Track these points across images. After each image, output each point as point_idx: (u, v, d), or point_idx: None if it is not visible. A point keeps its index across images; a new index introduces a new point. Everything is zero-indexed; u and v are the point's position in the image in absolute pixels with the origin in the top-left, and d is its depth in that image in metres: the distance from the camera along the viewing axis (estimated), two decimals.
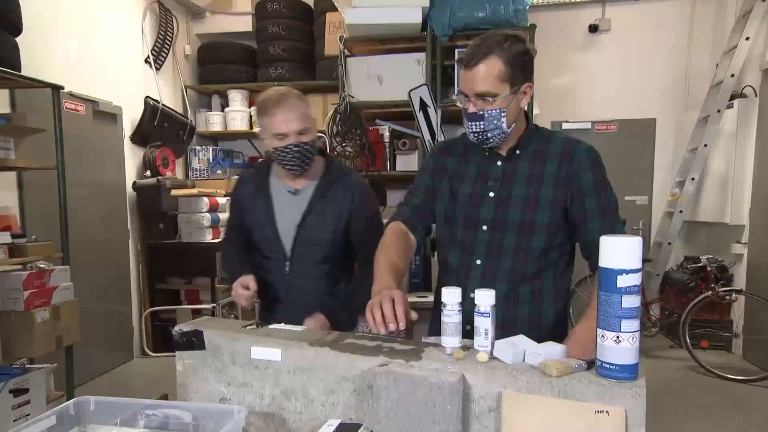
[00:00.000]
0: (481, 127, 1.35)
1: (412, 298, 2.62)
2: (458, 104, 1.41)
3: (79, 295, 3.00)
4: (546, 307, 1.44)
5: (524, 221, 1.39)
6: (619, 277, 0.87)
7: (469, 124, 1.37)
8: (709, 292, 4.07)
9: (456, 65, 1.43)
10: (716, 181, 4.64)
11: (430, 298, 2.78)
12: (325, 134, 3.97)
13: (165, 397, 1.92)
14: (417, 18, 3.59)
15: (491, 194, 1.43)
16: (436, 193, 1.53)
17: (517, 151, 1.44)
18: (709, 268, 4.31)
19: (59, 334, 2.83)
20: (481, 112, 1.33)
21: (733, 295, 4.17)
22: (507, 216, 1.41)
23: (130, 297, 4.46)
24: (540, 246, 1.40)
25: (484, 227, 1.43)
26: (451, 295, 1.07)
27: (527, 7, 3.60)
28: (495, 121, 1.34)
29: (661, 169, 5.25)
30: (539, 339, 1.07)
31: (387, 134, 3.90)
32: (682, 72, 5.15)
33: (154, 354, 4.45)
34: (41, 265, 2.82)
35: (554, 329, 1.43)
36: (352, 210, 1.74)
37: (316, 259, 1.74)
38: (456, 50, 3.56)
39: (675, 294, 4.56)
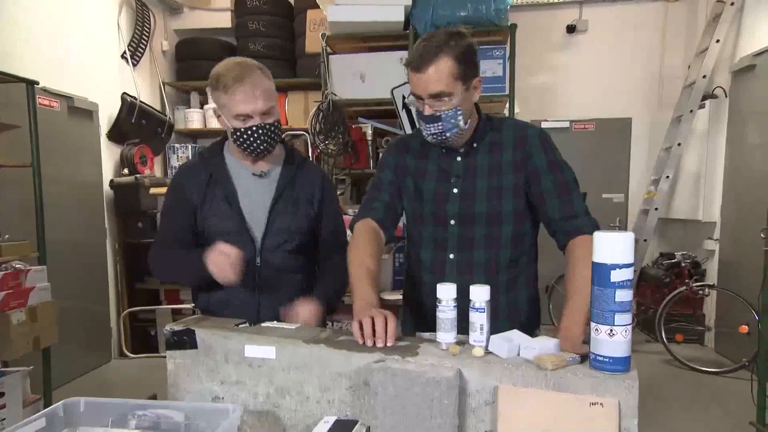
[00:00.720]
0: (440, 128, 1.36)
1: (396, 296, 2.63)
2: (411, 107, 1.42)
3: (55, 295, 2.92)
4: (521, 293, 1.49)
5: (491, 212, 1.43)
6: (612, 271, 0.89)
7: (426, 126, 1.37)
8: (684, 287, 4.19)
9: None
10: (689, 179, 4.77)
11: None
12: (307, 132, 3.95)
13: (154, 398, 1.89)
14: (400, 16, 3.59)
15: (455, 190, 1.45)
16: (401, 190, 1.54)
17: (474, 144, 1.46)
18: (683, 264, 4.44)
19: (36, 336, 2.75)
20: (438, 113, 1.34)
21: (706, 289, 4.30)
22: (474, 209, 1.43)
23: (108, 297, 4.36)
24: (509, 234, 1.44)
25: (452, 222, 1.45)
26: (447, 291, 1.08)
27: (508, 7, 3.64)
28: (452, 120, 1.35)
29: (637, 167, 5.37)
30: (517, 326, 1.10)
31: (370, 132, 3.90)
32: (657, 73, 5.28)
33: (132, 355, 4.36)
34: (17, 265, 2.74)
35: (530, 315, 1.48)
36: (322, 197, 1.63)
37: (290, 247, 1.56)
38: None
39: (651, 289, 4.68)
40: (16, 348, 2.64)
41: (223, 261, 1.37)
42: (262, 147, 1.49)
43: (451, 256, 1.46)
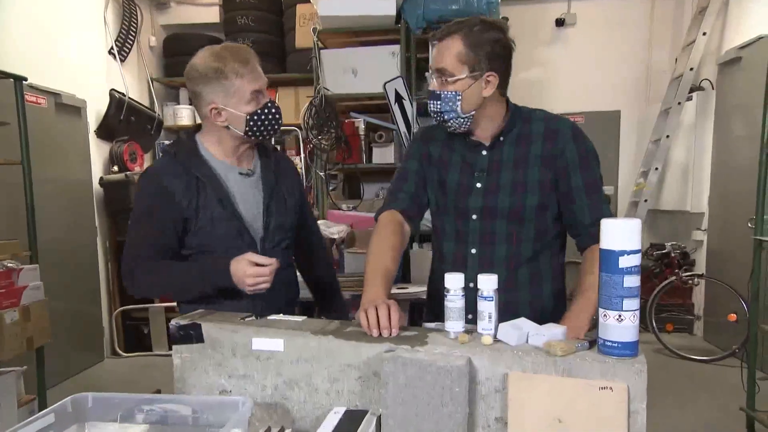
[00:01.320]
0: (438, 107, 1.35)
1: (393, 290, 2.63)
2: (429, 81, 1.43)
3: (46, 295, 2.89)
4: (545, 287, 1.46)
5: (514, 207, 1.40)
6: (620, 258, 0.90)
7: (430, 101, 1.37)
8: (674, 277, 4.25)
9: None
10: (677, 171, 4.84)
11: (410, 290, 2.83)
12: (299, 128, 3.94)
13: (158, 393, 1.88)
14: (391, 10, 3.58)
15: (478, 185, 1.42)
16: (427, 180, 1.52)
17: (501, 138, 1.42)
18: (673, 255, 4.50)
19: (29, 336, 2.72)
20: (438, 92, 1.34)
21: (695, 279, 4.37)
22: (496, 203, 1.40)
23: (99, 296, 4.33)
24: (531, 229, 1.41)
25: (474, 216, 1.43)
26: (455, 281, 1.09)
27: (499, 1, 3.65)
28: (450, 104, 1.33)
29: (626, 159, 5.44)
30: (540, 320, 1.10)
31: (362, 127, 3.90)
32: (644, 66, 5.34)
33: (125, 354, 4.33)
34: (8, 264, 2.71)
35: (554, 309, 1.45)
36: (299, 188, 1.64)
37: (285, 245, 1.57)
38: (430, 43, 3.59)
39: (641, 280, 4.73)
40: (9, 348, 2.61)
41: (259, 272, 1.32)
42: (278, 124, 1.47)
43: (473, 250, 1.43)
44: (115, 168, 4.37)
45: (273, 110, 1.45)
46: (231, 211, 1.45)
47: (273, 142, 4.44)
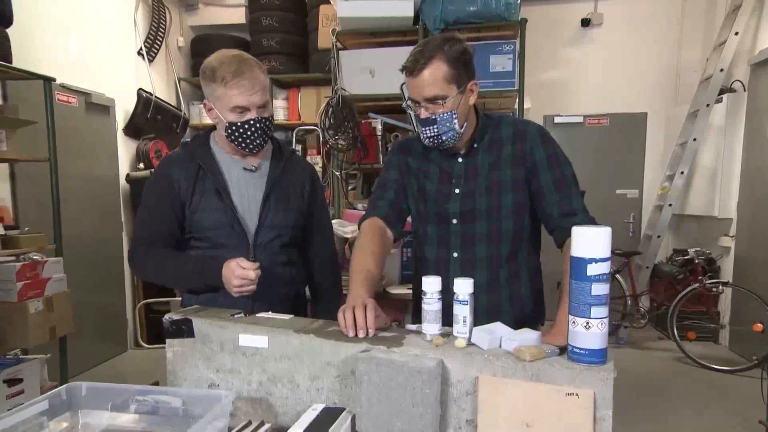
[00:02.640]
0: (435, 131, 1.38)
1: (402, 290, 2.65)
2: (409, 112, 1.44)
3: (72, 287, 3.02)
4: (524, 288, 1.50)
5: (490, 206, 1.45)
6: (588, 265, 0.90)
7: (423, 129, 1.40)
8: (697, 285, 4.13)
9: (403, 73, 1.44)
10: (705, 175, 4.70)
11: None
12: (317, 127, 3.99)
13: (156, 384, 1.94)
14: (409, 11, 3.60)
15: (456, 190, 1.48)
16: (407, 189, 1.57)
17: (475, 145, 1.48)
18: (697, 261, 4.38)
19: (53, 325, 2.85)
20: (433, 117, 1.37)
21: (720, 287, 4.24)
22: (474, 206, 1.46)
23: (124, 289, 4.48)
24: (509, 228, 1.46)
25: (454, 221, 1.48)
26: (432, 284, 1.10)
27: (519, 1, 3.62)
28: (447, 124, 1.37)
29: (652, 163, 5.31)
30: (520, 320, 1.12)
31: (379, 127, 3.92)
32: (673, 66, 5.20)
33: (147, 346, 4.48)
34: (34, 257, 2.84)
35: (533, 310, 1.49)
36: (312, 191, 1.65)
37: (282, 242, 1.57)
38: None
39: (664, 286, 4.63)
40: (33, 336, 2.74)
41: (243, 275, 1.36)
42: (257, 142, 1.48)
43: (455, 254, 1.49)
44: (141, 165, 4.51)
45: (253, 128, 1.46)
46: (227, 201, 1.50)
47: (294, 142, 4.52)
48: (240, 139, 1.48)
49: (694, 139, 4.56)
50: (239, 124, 1.46)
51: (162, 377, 1.35)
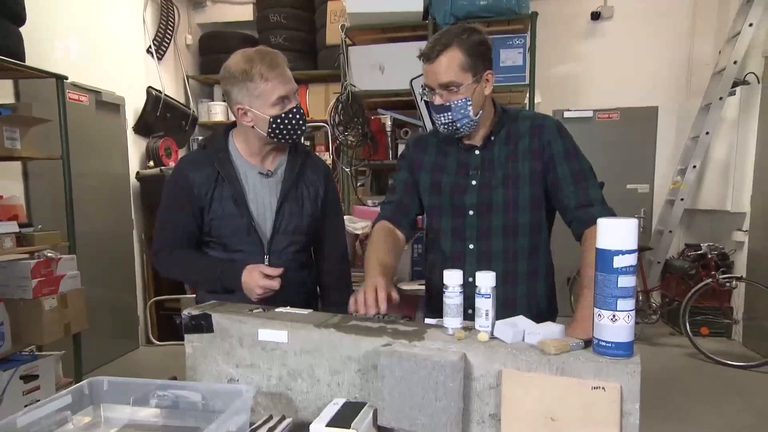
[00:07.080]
0: (450, 117, 1.40)
1: (413, 286, 2.64)
2: (425, 99, 1.45)
3: (84, 284, 3.04)
4: (540, 283, 1.51)
5: (507, 200, 1.45)
6: (615, 258, 0.89)
7: (438, 116, 1.42)
8: (710, 280, 4.10)
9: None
10: (718, 169, 4.65)
11: None
12: (327, 123, 3.98)
13: (174, 379, 1.95)
14: (418, 6, 3.58)
15: (473, 182, 1.49)
16: (417, 187, 1.58)
17: (492, 138, 1.49)
18: (709, 256, 4.34)
19: (67, 322, 2.87)
20: (447, 103, 1.39)
21: (734, 282, 4.20)
22: (491, 198, 1.46)
23: (135, 286, 4.50)
24: (526, 222, 1.46)
25: (471, 212, 1.49)
26: (453, 277, 1.09)
27: None
28: (462, 111, 1.39)
29: (663, 157, 5.26)
30: (535, 315, 1.12)
31: (389, 123, 3.91)
32: (685, 59, 5.15)
33: (159, 342, 4.50)
34: (48, 254, 2.86)
35: (548, 305, 1.50)
36: (325, 194, 1.65)
37: (296, 248, 1.60)
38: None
39: (676, 281, 4.59)
40: (48, 333, 2.76)
41: (268, 285, 1.41)
42: (301, 129, 1.51)
43: (471, 246, 1.49)
44: (151, 163, 4.53)
45: (297, 116, 1.49)
46: (243, 209, 1.52)
47: (303, 139, 4.52)
48: (285, 131, 1.49)
49: (707, 133, 4.51)
50: (283, 115, 1.47)
51: (175, 373, 1.36)
